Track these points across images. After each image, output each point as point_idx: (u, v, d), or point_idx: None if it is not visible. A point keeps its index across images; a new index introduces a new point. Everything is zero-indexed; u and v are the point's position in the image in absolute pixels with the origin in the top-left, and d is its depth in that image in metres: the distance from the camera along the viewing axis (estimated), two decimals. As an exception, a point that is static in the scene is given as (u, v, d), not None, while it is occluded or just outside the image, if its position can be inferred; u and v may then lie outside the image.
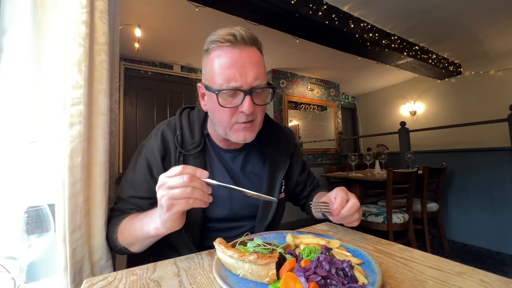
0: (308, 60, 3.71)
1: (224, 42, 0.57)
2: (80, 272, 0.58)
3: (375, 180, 2.30)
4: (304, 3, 2.24)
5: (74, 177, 0.56)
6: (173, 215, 0.48)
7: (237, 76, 0.55)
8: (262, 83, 0.58)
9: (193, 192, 0.46)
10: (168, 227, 0.50)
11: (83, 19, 0.58)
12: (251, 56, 0.58)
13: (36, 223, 0.56)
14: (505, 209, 2.44)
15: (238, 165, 0.73)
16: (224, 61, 0.56)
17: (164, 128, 0.69)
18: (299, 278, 0.34)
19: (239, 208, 0.70)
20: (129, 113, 3.29)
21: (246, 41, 0.57)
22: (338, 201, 0.56)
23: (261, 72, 0.59)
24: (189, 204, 0.47)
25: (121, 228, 0.61)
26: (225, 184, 0.49)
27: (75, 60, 0.58)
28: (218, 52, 0.58)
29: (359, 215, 0.59)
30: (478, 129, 3.47)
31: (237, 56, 0.56)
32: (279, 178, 0.74)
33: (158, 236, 0.54)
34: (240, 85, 0.56)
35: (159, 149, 0.66)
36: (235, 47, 0.57)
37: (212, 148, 0.72)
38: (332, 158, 4.49)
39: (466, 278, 0.40)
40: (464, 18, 2.75)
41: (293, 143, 0.84)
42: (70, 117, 0.57)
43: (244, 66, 0.56)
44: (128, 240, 0.59)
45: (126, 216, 0.63)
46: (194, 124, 0.71)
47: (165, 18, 2.52)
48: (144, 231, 0.54)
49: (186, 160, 0.67)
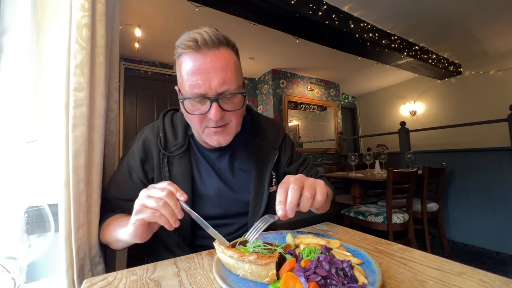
0: (308, 60, 3.71)
1: (186, 48, 0.54)
2: (82, 268, 0.59)
3: (375, 180, 2.30)
4: (304, 3, 2.24)
5: (78, 177, 0.57)
6: (137, 221, 0.47)
7: (200, 83, 0.53)
8: (230, 88, 0.55)
9: (163, 207, 0.46)
10: (130, 233, 0.49)
11: (85, 22, 0.59)
12: (216, 60, 0.54)
13: (36, 223, 0.56)
14: (505, 209, 2.44)
15: (225, 163, 0.72)
16: (188, 68, 0.55)
17: (147, 132, 0.69)
18: (299, 278, 0.34)
19: (229, 206, 0.69)
20: (129, 113, 3.29)
21: (210, 44, 0.54)
22: (278, 199, 0.47)
23: (229, 77, 0.55)
24: (155, 217, 0.46)
25: (104, 226, 0.62)
26: (193, 212, 0.48)
27: (78, 62, 0.58)
28: (184, 58, 0.56)
29: (312, 192, 0.48)
30: (478, 129, 3.47)
31: (201, 61, 0.54)
32: (268, 170, 0.73)
33: (125, 242, 0.55)
34: (205, 91, 0.54)
35: (139, 153, 0.67)
36: (199, 52, 0.54)
37: (197, 148, 0.72)
38: (332, 158, 4.49)
39: (466, 278, 0.40)
40: (464, 18, 2.75)
41: (282, 133, 0.82)
42: (73, 118, 0.57)
43: (207, 71, 0.54)
44: (106, 239, 0.61)
45: (111, 215, 0.64)
46: (177, 126, 0.71)
47: (165, 18, 2.52)
48: (116, 233, 0.55)
49: (170, 162, 0.67)
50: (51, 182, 0.62)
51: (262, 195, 0.71)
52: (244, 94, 0.60)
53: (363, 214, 2.21)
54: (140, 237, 0.50)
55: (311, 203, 0.49)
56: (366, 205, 2.52)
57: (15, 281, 0.42)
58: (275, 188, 0.75)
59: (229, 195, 0.70)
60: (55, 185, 0.58)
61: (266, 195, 0.71)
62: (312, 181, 0.50)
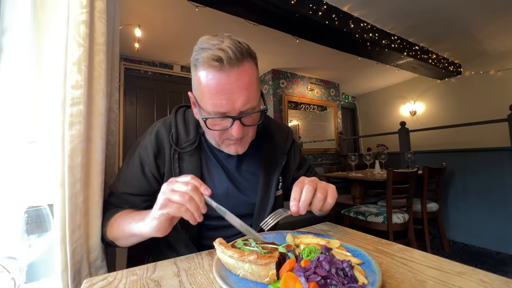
0: (308, 60, 3.71)
1: (209, 67, 0.52)
2: (79, 272, 0.58)
3: (375, 180, 2.29)
4: (304, 3, 2.24)
5: (74, 177, 0.56)
6: (162, 215, 0.48)
7: (223, 103, 0.52)
8: (252, 106, 0.55)
9: (189, 202, 0.47)
10: (152, 226, 0.49)
11: (83, 19, 0.58)
12: (240, 79, 0.52)
13: (36, 223, 0.56)
14: (505, 209, 2.44)
15: (233, 164, 0.72)
16: (211, 86, 0.52)
17: (159, 127, 0.69)
18: (299, 278, 0.34)
19: (235, 206, 0.69)
20: (129, 113, 3.29)
21: (234, 62, 0.51)
22: (293, 196, 0.52)
23: (252, 94, 0.54)
24: (180, 211, 0.47)
25: (112, 222, 0.61)
26: (221, 207, 0.51)
27: (75, 60, 0.57)
28: (205, 73, 0.53)
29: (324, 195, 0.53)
30: (478, 129, 3.47)
31: (225, 81, 0.52)
32: (276, 174, 0.74)
33: (141, 236, 0.54)
34: (228, 111, 0.53)
35: (153, 147, 0.66)
36: (222, 71, 0.51)
37: (208, 146, 0.72)
38: (332, 158, 4.49)
39: (466, 278, 0.40)
40: (464, 18, 2.74)
41: (290, 139, 0.83)
42: (70, 117, 0.56)
43: (232, 91, 0.52)
44: (115, 234, 0.60)
45: (119, 210, 0.63)
46: (189, 123, 0.71)
47: (165, 18, 2.52)
48: (131, 228, 0.54)
49: (181, 158, 0.67)
50: (49, 182, 0.60)
51: (268, 199, 0.72)
52: (266, 111, 0.60)
53: (363, 214, 2.21)
54: (162, 231, 0.50)
55: (322, 205, 0.53)
56: (366, 205, 2.52)
57: (15, 281, 0.42)
58: (281, 192, 0.76)
59: (236, 195, 0.70)
60: (51, 185, 0.57)
61: (272, 198, 0.71)
62: (325, 185, 0.54)
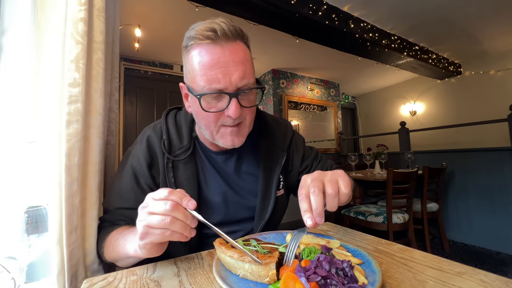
0: (308, 60, 3.71)
1: (203, 39, 0.50)
2: (75, 276, 0.56)
3: (375, 180, 2.30)
4: (304, 3, 2.24)
5: (71, 177, 0.55)
6: (146, 244, 0.43)
7: (219, 77, 0.49)
8: (249, 83, 0.52)
9: (172, 224, 0.40)
10: (143, 253, 0.46)
11: (81, 17, 0.58)
12: (235, 53, 0.51)
13: (36, 223, 0.56)
14: (505, 209, 2.44)
15: (231, 166, 0.69)
16: (205, 61, 0.50)
17: (150, 133, 0.64)
18: (299, 278, 0.34)
19: (235, 211, 0.67)
20: (129, 113, 3.29)
21: (229, 36, 0.50)
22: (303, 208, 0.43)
23: (248, 70, 0.52)
24: (165, 236, 0.41)
25: (107, 243, 0.57)
26: (210, 224, 0.43)
27: (73, 57, 0.57)
28: (198, 50, 0.51)
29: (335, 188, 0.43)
30: (478, 129, 3.47)
31: (219, 54, 0.50)
32: (276, 174, 0.70)
33: (139, 258, 0.50)
34: (224, 86, 0.50)
35: (145, 157, 0.61)
36: (216, 44, 0.50)
37: (203, 151, 0.68)
38: (332, 158, 4.49)
39: (466, 278, 0.40)
40: (464, 18, 2.74)
41: (290, 133, 0.77)
42: (67, 115, 0.55)
43: (227, 65, 0.50)
44: (112, 257, 0.56)
45: (115, 228, 0.59)
46: (181, 127, 0.66)
47: (165, 18, 2.52)
48: (126, 250, 0.50)
49: (175, 167, 0.62)
50: (46, 182, 0.59)
51: (269, 200, 0.68)
52: (263, 88, 0.57)
53: (363, 214, 2.21)
54: (155, 254, 0.46)
55: (337, 200, 0.44)
56: (366, 205, 2.52)
57: (15, 281, 0.42)
58: (282, 191, 0.72)
59: (235, 200, 0.67)
60: (47, 185, 0.56)
61: (273, 199, 0.68)
62: (331, 176, 0.45)
